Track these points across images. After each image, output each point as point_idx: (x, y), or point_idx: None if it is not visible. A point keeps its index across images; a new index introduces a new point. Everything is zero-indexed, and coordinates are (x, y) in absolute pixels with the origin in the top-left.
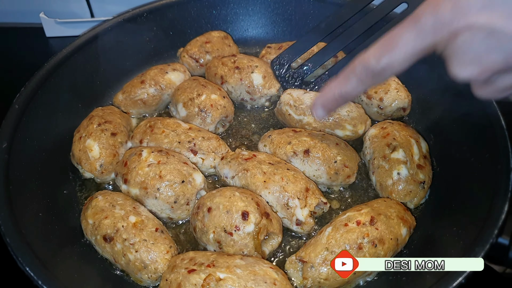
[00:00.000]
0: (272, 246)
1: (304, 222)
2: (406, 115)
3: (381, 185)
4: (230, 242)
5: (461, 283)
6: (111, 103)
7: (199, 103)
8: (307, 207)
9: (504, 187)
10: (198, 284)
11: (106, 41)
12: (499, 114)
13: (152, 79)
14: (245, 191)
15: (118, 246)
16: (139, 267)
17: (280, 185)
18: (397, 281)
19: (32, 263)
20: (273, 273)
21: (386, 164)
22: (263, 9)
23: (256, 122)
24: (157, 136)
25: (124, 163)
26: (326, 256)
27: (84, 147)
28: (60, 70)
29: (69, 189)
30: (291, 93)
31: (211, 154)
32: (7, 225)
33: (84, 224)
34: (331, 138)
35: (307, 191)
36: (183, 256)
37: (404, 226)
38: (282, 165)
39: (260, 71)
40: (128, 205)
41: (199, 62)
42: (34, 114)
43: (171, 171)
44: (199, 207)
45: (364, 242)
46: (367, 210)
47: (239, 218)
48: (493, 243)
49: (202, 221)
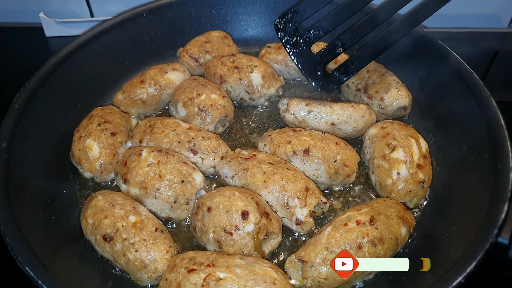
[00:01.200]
0: (272, 245)
1: (304, 222)
2: (406, 114)
3: (381, 184)
4: (230, 242)
5: (461, 283)
6: (110, 102)
7: (198, 102)
8: (307, 206)
9: (504, 187)
10: (198, 283)
11: (106, 41)
12: (499, 114)
13: (152, 79)
14: (245, 191)
15: (118, 246)
16: (138, 267)
17: (280, 185)
18: (396, 280)
19: (31, 263)
20: (273, 272)
21: (385, 163)
22: (262, 8)
23: (256, 122)
24: (157, 136)
25: (123, 163)
26: (326, 255)
27: (84, 147)
28: (59, 69)
29: (69, 188)
30: (295, 113)
31: (210, 154)
32: (7, 225)
33: (83, 223)
34: (331, 138)
35: (307, 190)
36: (182, 255)
37: (404, 226)
38: (282, 164)
39: (259, 71)
40: (128, 204)
41: (199, 61)
42: (33, 113)
43: (170, 170)
44: (198, 207)
45: (364, 241)
46: (367, 209)
47: (239, 217)
48: (492, 242)
49: (202, 221)
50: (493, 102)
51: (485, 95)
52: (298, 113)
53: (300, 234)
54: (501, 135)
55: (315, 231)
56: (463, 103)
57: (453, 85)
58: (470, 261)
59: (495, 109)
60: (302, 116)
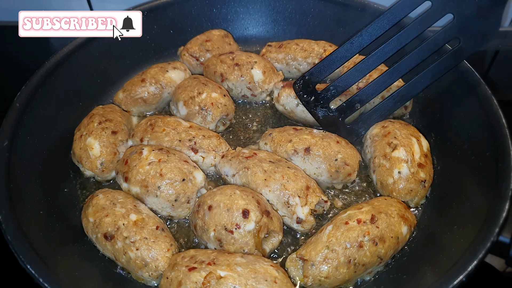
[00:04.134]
0: (272, 244)
1: (305, 220)
2: (408, 112)
3: (382, 183)
4: (231, 240)
5: (462, 281)
6: (111, 101)
7: (199, 101)
8: (308, 205)
9: (505, 185)
10: (199, 282)
11: (107, 39)
12: (500, 113)
13: (153, 78)
14: (246, 189)
15: (119, 244)
16: (139, 265)
17: (280, 183)
18: (398, 279)
19: (33, 261)
20: (274, 271)
21: (387, 162)
22: (263, 7)
23: (257, 120)
24: (158, 135)
25: (124, 161)
26: (327, 254)
27: (85, 146)
28: (60, 68)
29: (70, 187)
30: (284, 105)
31: (211, 152)
32: (8, 223)
33: (84, 222)
34: (331, 136)
35: (308, 189)
36: (183, 254)
37: (404, 225)
38: (283, 163)
39: (259, 67)
40: (129, 203)
41: (200, 60)
42: (34, 112)
43: (171, 169)
44: (199, 205)
45: (364, 240)
46: (367, 208)
47: (239, 216)
48: (494, 241)
49: (202, 219)
50: (494, 101)
51: (486, 94)
52: (288, 105)
53: (301, 233)
54: (502, 134)
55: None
56: (464, 102)
57: (454, 84)
58: (472, 260)
59: (496, 108)
60: (291, 107)
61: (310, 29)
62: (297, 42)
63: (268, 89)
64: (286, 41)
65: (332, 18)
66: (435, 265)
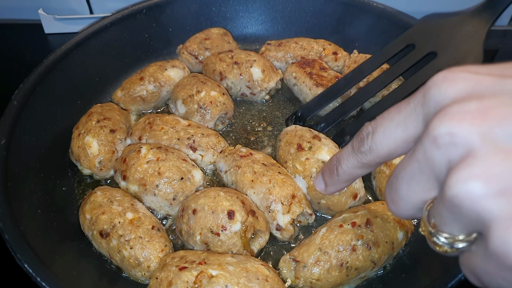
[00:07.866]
0: (260, 244)
1: (284, 229)
2: None
3: (381, 190)
4: (218, 243)
5: (461, 280)
6: (110, 99)
7: (198, 99)
8: (290, 214)
9: None
10: (190, 281)
11: (105, 37)
12: None
13: (151, 76)
14: (230, 191)
15: (114, 242)
16: (133, 264)
17: (266, 187)
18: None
19: (30, 260)
20: (265, 269)
21: (386, 169)
22: (262, 6)
23: (256, 119)
24: (156, 133)
25: (123, 160)
26: (319, 256)
27: (83, 144)
28: (58, 66)
29: (68, 186)
30: (287, 80)
31: (210, 151)
32: (6, 222)
33: (81, 218)
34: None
35: (293, 198)
36: (173, 254)
37: (401, 230)
38: (275, 168)
39: (259, 65)
40: (126, 201)
41: (199, 59)
42: (32, 110)
43: (170, 168)
44: (183, 210)
45: (358, 244)
46: (363, 212)
47: (225, 217)
48: None
49: (187, 224)
50: None
51: None
52: (288, 81)
53: (281, 240)
54: None
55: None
56: None
57: None
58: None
59: None
60: (290, 85)
61: (310, 27)
62: (296, 40)
63: (268, 87)
64: (286, 39)
65: (332, 17)
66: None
